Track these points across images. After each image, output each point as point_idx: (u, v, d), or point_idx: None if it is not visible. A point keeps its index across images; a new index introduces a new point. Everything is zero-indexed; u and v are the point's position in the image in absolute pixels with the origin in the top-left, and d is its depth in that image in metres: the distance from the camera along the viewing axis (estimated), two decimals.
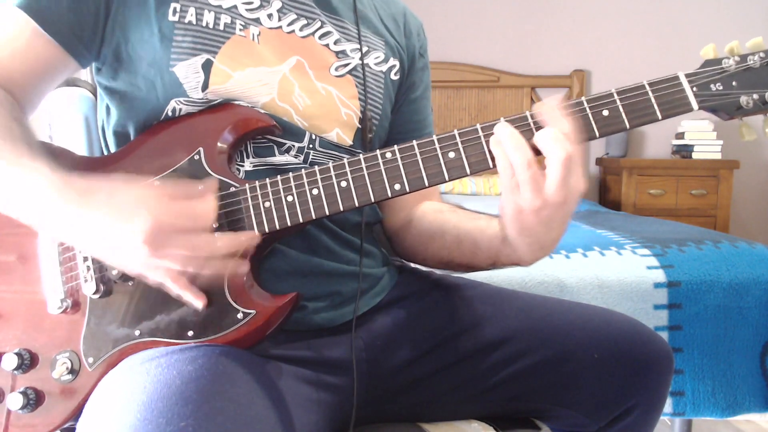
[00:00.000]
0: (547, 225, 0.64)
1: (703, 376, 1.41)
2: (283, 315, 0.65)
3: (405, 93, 0.90)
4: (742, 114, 0.65)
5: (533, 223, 0.64)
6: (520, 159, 0.61)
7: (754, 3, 3.37)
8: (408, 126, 0.91)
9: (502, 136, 0.62)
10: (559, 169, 0.60)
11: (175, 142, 0.70)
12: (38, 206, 0.60)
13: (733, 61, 0.64)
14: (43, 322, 0.68)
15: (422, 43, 0.93)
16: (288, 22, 0.76)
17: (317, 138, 0.76)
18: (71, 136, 0.99)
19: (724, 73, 0.65)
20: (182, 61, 0.70)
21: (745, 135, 0.67)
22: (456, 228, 0.80)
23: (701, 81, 0.64)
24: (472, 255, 0.78)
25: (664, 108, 0.64)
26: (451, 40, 3.41)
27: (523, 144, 0.61)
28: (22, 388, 0.67)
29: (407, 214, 0.88)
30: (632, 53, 3.42)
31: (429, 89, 0.95)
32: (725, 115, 0.66)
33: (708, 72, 0.65)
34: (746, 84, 0.64)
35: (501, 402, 0.81)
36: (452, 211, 0.85)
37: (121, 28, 0.71)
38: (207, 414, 0.52)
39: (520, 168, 0.61)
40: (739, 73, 0.64)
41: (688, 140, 3.14)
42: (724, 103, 0.64)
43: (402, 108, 0.90)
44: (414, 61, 0.91)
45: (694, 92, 0.64)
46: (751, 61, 0.64)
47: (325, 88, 0.77)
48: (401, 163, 0.65)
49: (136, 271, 0.60)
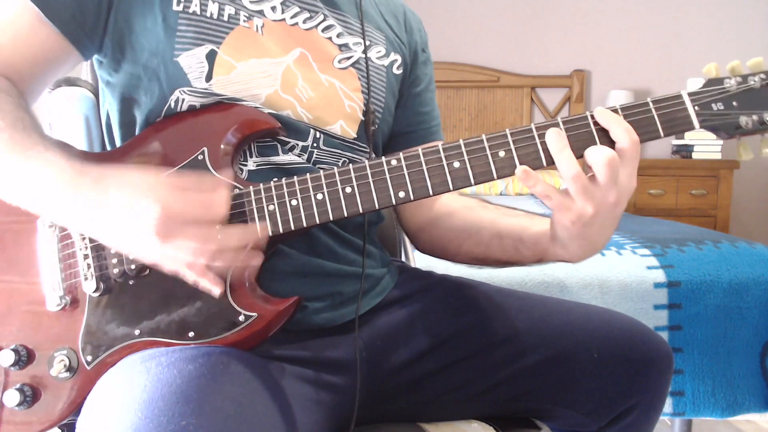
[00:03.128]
0: (600, 227, 0.66)
1: (703, 376, 1.41)
2: (284, 318, 0.65)
3: (409, 87, 0.90)
4: (741, 134, 0.66)
5: (587, 228, 0.65)
6: (568, 172, 0.62)
7: (754, 3, 3.37)
8: (415, 119, 0.91)
9: (552, 148, 0.63)
10: (604, 172, 0.61)
11: (179, 142, 0.70)
12: (53, 195, 0.60)
13: (735, 81, 0.65)
14: (41, 318, 0.68)
15: (423, 39, 0.94)
16: (291, 15, 0.77)
17: (321, 136, 0.76)
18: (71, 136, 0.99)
19: (726, 93, 0.65)
20: (186, 51, 0.70)
21: (743, 155, 0.68)
22: (493, 224, 0.80)
23: (703, 100, 0.65)
24: (515, 251, 0.78)
25: (667, 126, 0.65)
26: (451, 40, 3.41)
27: (571, 156, 0.62)
28: (18, 384, 0.66)
29: (431, 210, 0.88)
30: (632, 53, 3.42)
31: (433, 82, 0.95)
32: (725, 135, 0.67)
33: (710, 91, 0.66)
34: (746, 104, 0.65)
35: (501, 402, 0.81)
36: (483, 207, 0.85)
37: (125, 18, 0.70)
38: (208, 413, 0.52)
39: (569, 181, 0.62)
40: (740, 94, 0.65)
41: (688, 140, 3.14)
42: (725, 122, 0.65)
43: (408, 102, 0.90)
44: (417, 57, 0.91)
45: (696, 111, 0.65)
46: (752, 81, 0.65)
47: (328, 80, 0.78)
48: (406, 171, 0.65)
49: (150, 261, 0.60)
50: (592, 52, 3.44)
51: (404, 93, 0.90)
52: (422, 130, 0.91)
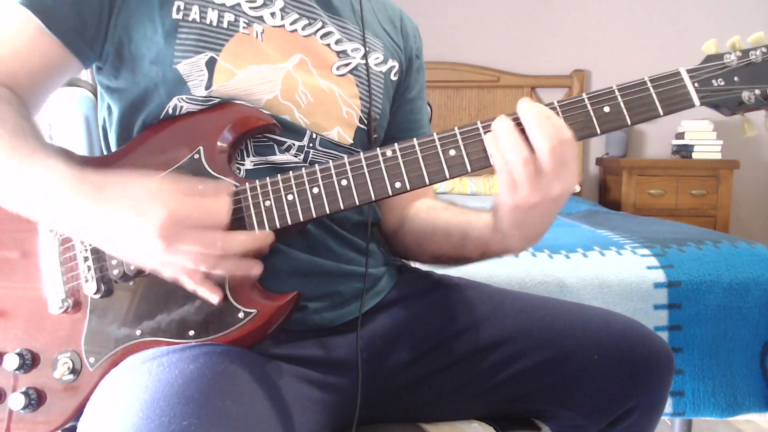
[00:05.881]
0: (540, 218, 0.66)
1: (703, 376, 1.41)
2: (284, 314, 0.65)
3: (402, 93, 0.91)
4: (744, 109, 0.64)
5: (528, 218, 0.65)
6: (516, 156, 0.61)
7: (754, 3, 3.37)
8: (405, 125, 0.92)
9: (499, 132, 0.62)
10: (549, 161, 0.60)
11: (175, 141, 0.70)
12: (53, 202, 0.60)
13: (735, 56, 0.64)
14: (44, 322, 0.68)
15: (418, 45, 0.95)
16: (290, 21, 0.77)
17: (318, 137, 0.76)
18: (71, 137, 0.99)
19: (726, 68, 0.64)
20: (186, 59, 0.70)
21: (747, 131, 0.66)
22: (446, 223, 0.81)
23: (703, 76, 0.64)
24: (462, 246, 0.79)
25: (666, 104, 0.64)
26: (451, 40, 3.41)
27: (519, 141, 0.61)
28: (23, 388, 0.67)
29: (402, 213, 0.89)
30: (632, 53, 3.42)
31: (424, 90, 0.96)
32: (727, 111, 0.65)
33: (710, 67, 0.64)
34: (748, 79, 0.64)
35: (501, 402, 0.81)
36: (445, 208, 0.86)
37: (124, 26, 0.70)
38: (209, 413, 0.52)
39: (517, 165, 0.61)
40: (741, 69, 0.64)
41: (688, 140, 3.14)
42: (726, 98, 0.64)
43: (399, 108, 0.91)
44: (411, 63, 0.92)
45: (695, 88, 0.64)
46: (753, 56, 0.64)
47: (327, 86, 0.78)
48: (402, 161, 0.65)
49: (151, 267, 0.60)
50: (592, 52, 3.44)
51: (397, 99, 0.90)
52: (409, 138, 0.91)
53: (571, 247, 1.56)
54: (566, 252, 1.52)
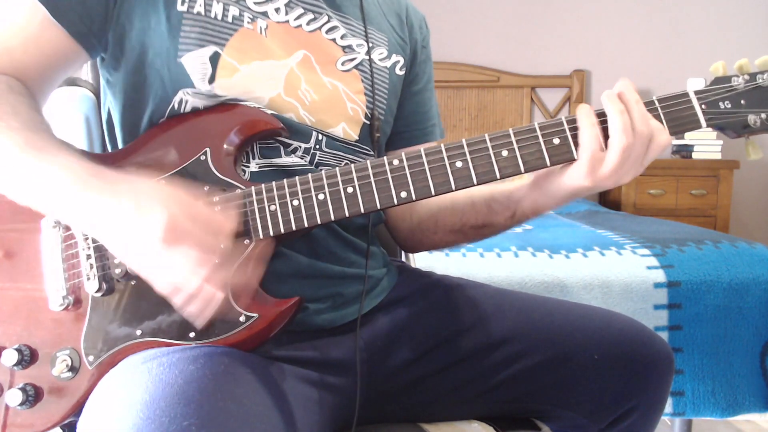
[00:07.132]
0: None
1: (703, 376, 1.42)
2: (285, 319, 0.65)
3: (408, 86, 0.90)
4: (749, 132, 0.66)
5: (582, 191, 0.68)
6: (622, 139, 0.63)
7: (754, 3, 3.37)
8: (413, 118, 0.91)
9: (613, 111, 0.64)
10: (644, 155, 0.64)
11: (182, 142, 0.70)
12: (63, 195, 0.59)
13: (743, 79, 0.65)
14: (44, 318, 0.68)
15: (424, 36, 0.93)
16: (295, 17, 0.77)
17: (324, 138, 0.76)
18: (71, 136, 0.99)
19: (733, 91, 0.65)
20: (190, 52, 0.70)
21: (751, 153, 0.67)
22: (467, 194, 0.81)
23: (710, 99, 0.65)
24: (488, 212, 0.79)
25: (673, 125, 0.65)
26: (451, 40, 3.41)
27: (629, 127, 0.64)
28: (21, 384, 0.66)
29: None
30: (632, 53, 3.41)
31: (432, 81, 0.95)
32: (732, 134, 0.66)
33: (717, 89, 0.65)
34: (754, 103, 0.65)
35: (501, 402, 0.81)
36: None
37: (127, 16, 0.70)
38: (209, 413, 0.52)
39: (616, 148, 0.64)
40: (748, 92, 0.65)
41: (688, 140, 3.14)
42: (732, 121, 0.65)
43: (406, 101, 0.90)
44: (416, 54, 0.91)
45: (703, 110, 0.65)
46: (760, 79, 0.65)
47: (331, 83, 0.78)
48: (408, 171, 0.65)
49: (145, 272, 0.59)
50: (592, 52, 3.44)
51: (404, 92, 0.89)
52: (417, 130, 0.91)
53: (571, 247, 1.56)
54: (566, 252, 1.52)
